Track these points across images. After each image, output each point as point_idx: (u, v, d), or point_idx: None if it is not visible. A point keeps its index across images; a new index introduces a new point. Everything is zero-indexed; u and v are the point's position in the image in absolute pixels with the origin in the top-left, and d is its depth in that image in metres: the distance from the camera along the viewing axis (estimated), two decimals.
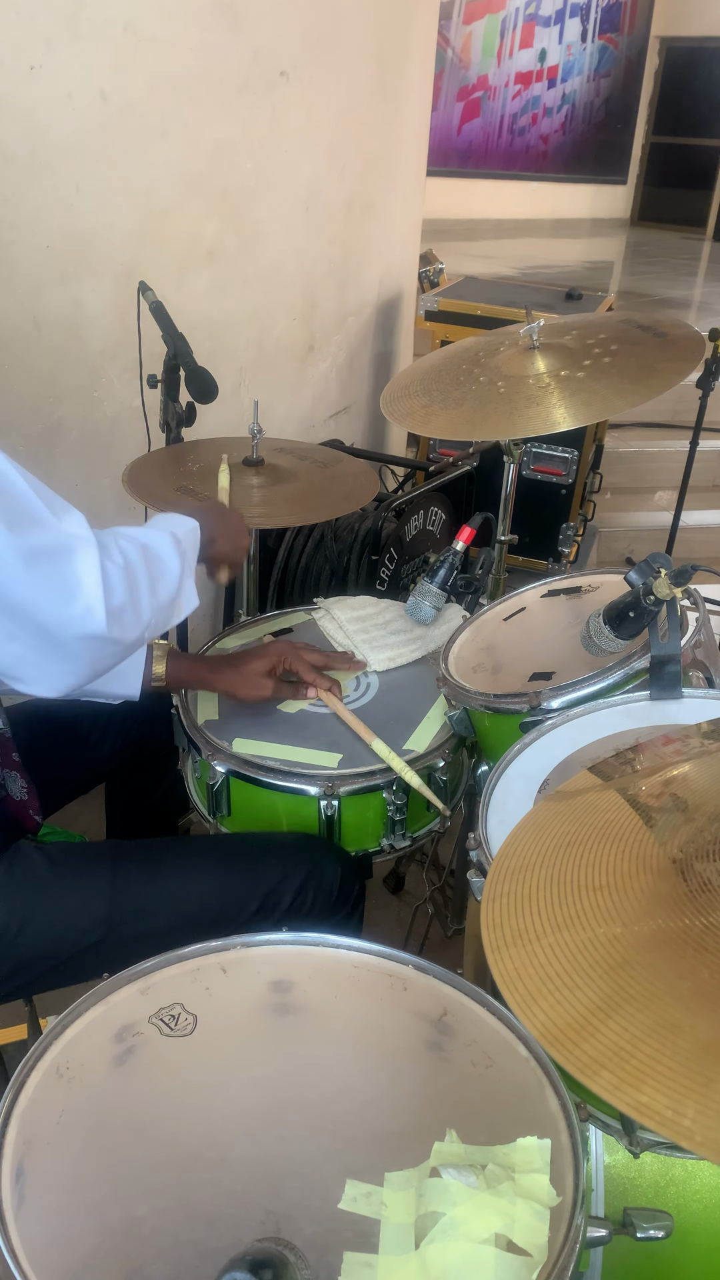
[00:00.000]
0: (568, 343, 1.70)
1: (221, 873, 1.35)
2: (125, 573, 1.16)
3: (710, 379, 3.06)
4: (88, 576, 1.11)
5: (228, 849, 1.41)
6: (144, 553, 1.23)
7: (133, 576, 1.18)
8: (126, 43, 2.15)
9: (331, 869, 1.36)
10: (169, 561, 1.28)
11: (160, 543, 1.29)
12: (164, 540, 1.30)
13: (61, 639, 1.11)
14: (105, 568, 1.13)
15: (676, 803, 0.86)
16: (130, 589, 1.17)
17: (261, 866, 1.35)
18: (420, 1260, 0.73)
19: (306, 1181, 0.82)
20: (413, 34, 3.41)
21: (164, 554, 1.28)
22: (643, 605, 1.26)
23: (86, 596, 1.10)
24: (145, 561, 1.22)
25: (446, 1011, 0.97)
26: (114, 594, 1.13)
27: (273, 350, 2.89)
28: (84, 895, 1.28)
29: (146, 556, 1.23)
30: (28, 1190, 0.80)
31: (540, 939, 0.71)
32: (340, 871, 1.37)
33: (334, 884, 1.36)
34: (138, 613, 1.19)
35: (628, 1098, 0.58)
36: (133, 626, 1.18)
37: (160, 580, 1.25)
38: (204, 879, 1.34)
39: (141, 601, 1.20)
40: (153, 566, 1.24)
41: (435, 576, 1.70)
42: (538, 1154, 0.79)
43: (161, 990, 0.99)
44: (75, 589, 1.10)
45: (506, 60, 9.93)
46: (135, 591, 1.18)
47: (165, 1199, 0.80)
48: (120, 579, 1.15)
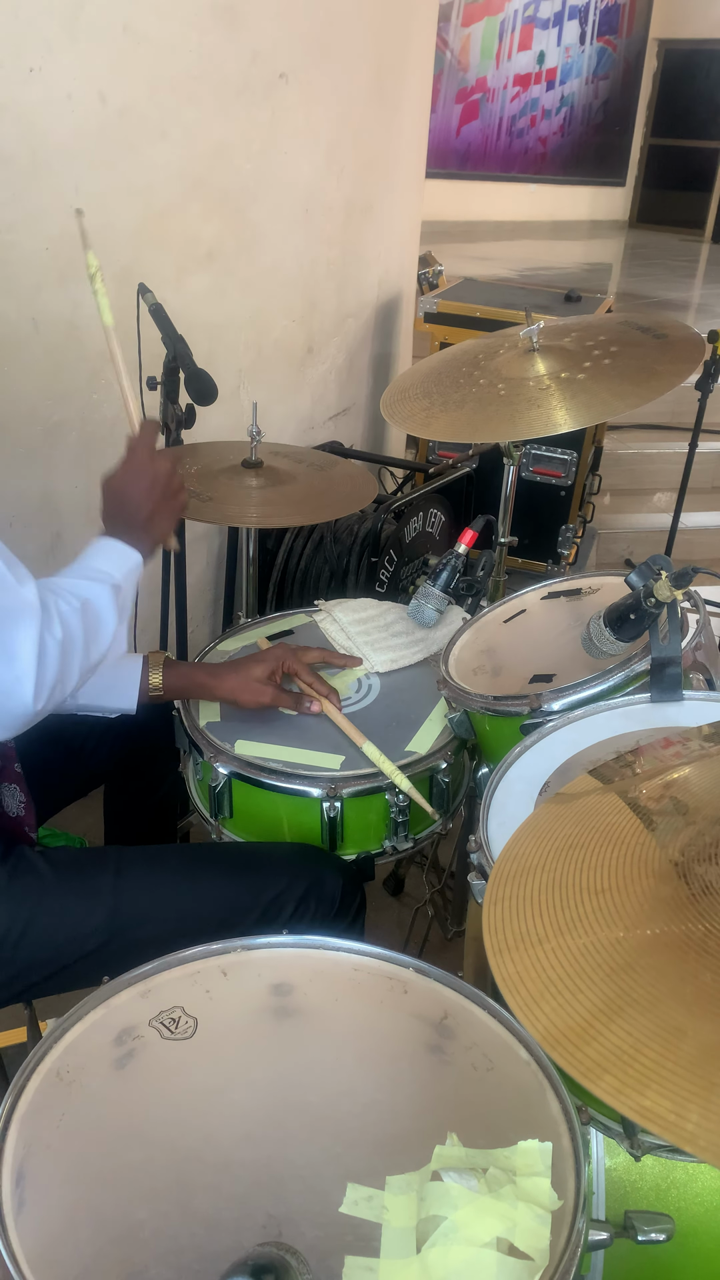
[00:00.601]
0: (567, 345, 1.70)
1: (223, 882, 1.34)
2: (62, 647, 1.17)
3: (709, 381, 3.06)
4: (25, 648, 1.13)
5: (230, 858, 1.41)
6: (84, 615, 1.23)
7: (69, 649, 1.19)
8: (125, 45, 2.15)
9: (333, 880, 1.36)
10: (105, 621, 1.27)
11: (100, 598, 1.27)
12: (104, 596, 1.27)
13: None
14: (44, 641, 1.14)
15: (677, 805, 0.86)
16: (64, 662, 1.18)
17: (263, 876, 1.34)
18: (421, 1264, 0.73)
19: (307, 1185, 0.82)
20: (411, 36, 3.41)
21: (102, 612, 1.27)
22: (643, 607, 1.26)
23: (21, 667, 1.12)
24: (84, 627, 1.22)
25: (447, 1014, 0.97)
26: (46, 670, 1.15)
27: (272, 352, 2.89)
28: (86, 902, 1.28)
29: (85, 618, 1.23)
30: (28, 1194, 0.79)
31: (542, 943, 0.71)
32: (342, 883, 1.36)
33: (335, 895, 1.35)
34: (64, 684, 1.20)
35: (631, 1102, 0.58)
36: (57, 698, 1.19)
37: (94, 645, 1.25)
38: (206, 888, 1.34)
39: (72, 671, 1.20)
40: (90, 630, 1.24)
41: (438, 579, 1.69)
42: (539, 1157, 0.79)
43: (162, 993, 0.99)
44: (12, 657, 1.12)
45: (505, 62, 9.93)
46: (68, 664, 1.19)
47: (166, 1203, 0.80)
48: (55, 654, 1.16)
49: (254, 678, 1.50)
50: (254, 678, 1.50)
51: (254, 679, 1.50)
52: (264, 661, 1.52)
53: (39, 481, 2.33)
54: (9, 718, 1.16)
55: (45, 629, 1.15)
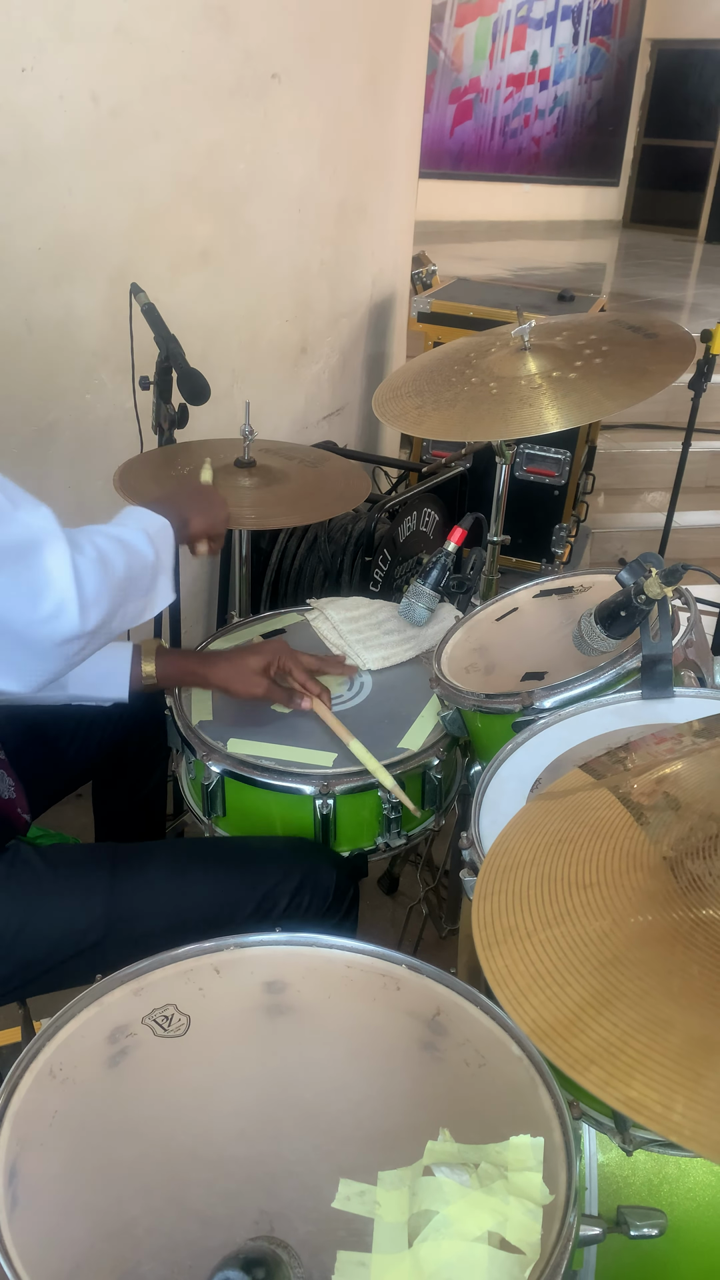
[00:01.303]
0: (559, 344, 1.71)
1: (218, 876, 1.35)
2: (98, 564, 1.13)
3: (702, 380, 3.07)
4: (57, 572, 1.07)
5: (224, 853, 1.41)
6: (118, 542, 1.21)
7: (107, 564, 1.14)
8: (118, 45, 2.15)
9: (327, 873, 1.36)
10: (143, 551, 1.26)
11: (133, 535, 1.26)
12: (137, 534, 1.27)
13: (32, 639, 1.08)
14: (76, 562, 1.09)
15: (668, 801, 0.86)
16: (105, 577, 1.13)
17: (258, 870, 1.34)
18: (413, 1259, 0.73)
19: (300, 1181, 0.82)
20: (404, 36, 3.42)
21: (138, 544, 1.25)
22: (634, 605, 1.26)
23: (58, 593, 1.07)
24: (120, 549, 1.20)
25: (440, 1011, 0.97)
26: (86, 585, 1.09)
27: (265, 352, 2.90)
28: (82, 898, 1.28)
29: (122, 545, 1.21)
30: (21, 1191, 0.80)
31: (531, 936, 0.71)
32: (335, 876, 1.37)
33: (329, 888, 1.36)
34: (112, 601, 1.15)
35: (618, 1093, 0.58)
36: (107, 616, 1.15)
37: (136, 565, 1.22)
38: (201, 882, 1.34)
39: (116, 588, 1.16)
40: (129, 553, 1.21)
41: (428, 578, 1.70)
42: (531, 1152, 0.79)
43: (155, 991, 0.99)
44: (44, 587, 1.07)
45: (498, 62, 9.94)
46: (110, 579, 1.14)
47: (159, 1199, 0.80)
48: (92, 570, 1.11)
49: (249, 668, 1.49)
50: (249, 668, 1.49)
51: (249, 669, 1.49)
52: (260, 653, 1.51)
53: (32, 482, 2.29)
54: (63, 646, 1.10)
55: (75, 551, 1.10)
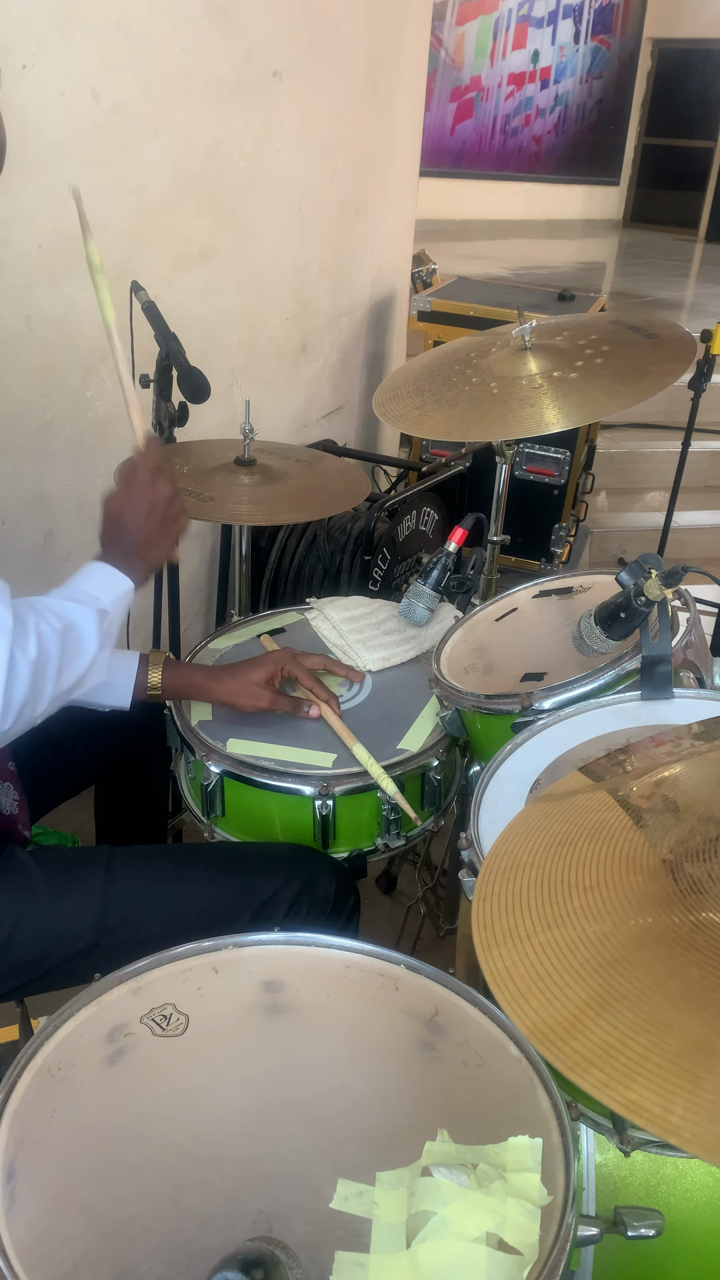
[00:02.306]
0: (559, 344, 1.71)
1: (215, 883, 1.34)
2: (34, 666, 1.13)
3: (702, 380, 3.07)
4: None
5: (222, 859, 1.40)
6: (63, 637, 1.19)
7: (42, 668, 1.15)
8: (118, 42, 2.15)
9: (326, 881, 1.35)
10: (87, 644, 1.23)
11: (85, 622, 1.23)
12: (89, 620, 1.24)
13: None
14: (14, 658, 1.10)
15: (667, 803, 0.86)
16: (35, 682, 1.14)
17: (256, 878, 1.33)
18: (411, 1259, 0.73)
19: (298, 1181, 0.82)
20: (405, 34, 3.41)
21: (85, 636, 1.23)
22: (634, 606, 1.26)
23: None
24: (61, 648, 1.19)
25: (438, 1011, 0.97)
26: (15, 689, 1.11)
27: (265, 350, 2.89)
28: (76, 901, 1.27)
29: (65, 641, 1.19)
30: (19, 1190, 0.80)
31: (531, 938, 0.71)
32: (335, 884, 1.36)
33: (329, 896, 1.35)
34: (35, 704, 1.16)
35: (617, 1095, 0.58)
36: (26, 718, 1.16)
37: (69, 668, 1.21)
38: (198, 889, 1.33)
39: (43, 692, 1.17)
40: (68, 652, 1.20)
41: (428, 578, 1.70)
42: (529, 1153, 0.79)
43: (153, 990, 0.99)
44: None
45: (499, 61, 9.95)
46: (40, 684, 1.15)
47: (157, 1199, 0.80)
48: (26, 673, 1.12)
49: (252, 681, 1.49)
50: (252, 681, 1.49)
51: (252, 683, 1.48)
52: (263, 666, 1.50)
53: (31, 480, 2.33)
54: None
55: (18, 646, 1.11)
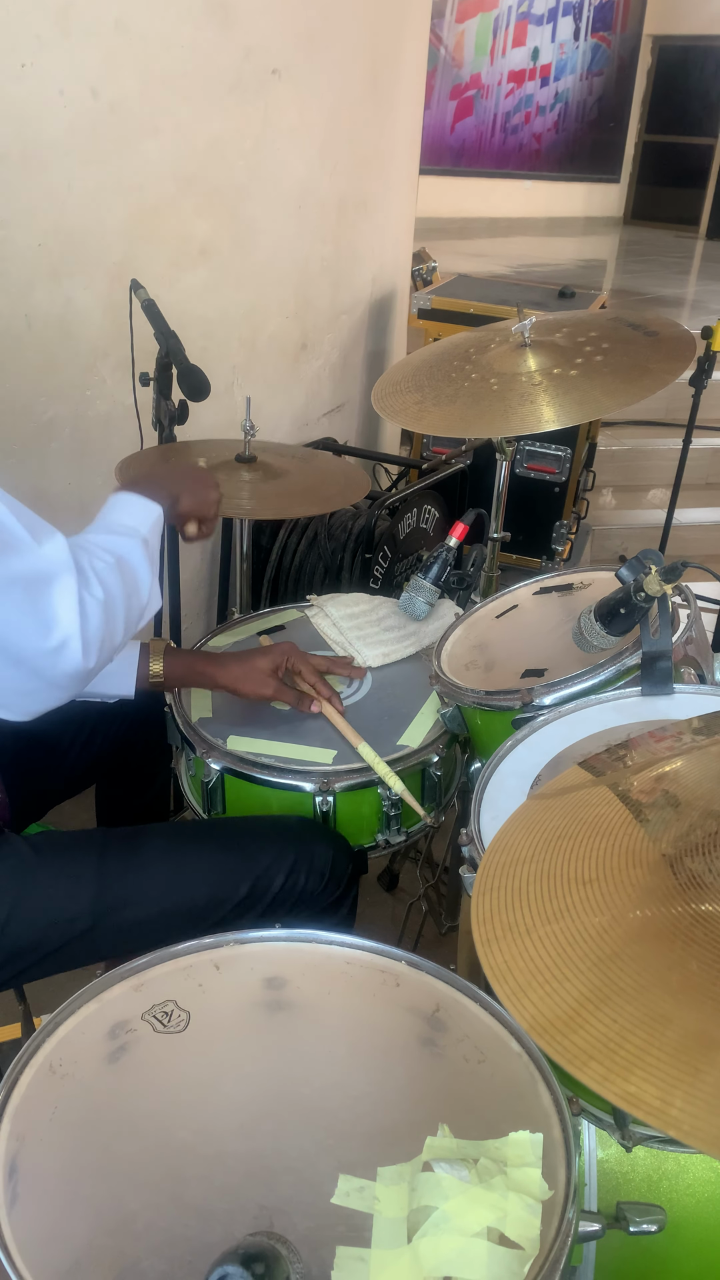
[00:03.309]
0: (559, 340, 1.71)
1: (211, 856, 1.34)
2: (103, 605, 1.15)
3: (703, 377, 3.06)
4: (64, 610, 1.10)
5: (217, 833, 1.40)
6: (120, 571, 1.22)
7: (111, 606, 1.17)
8: (117, 40, 2.14)
9: (323, 851, 1.36)
10: (141, 575, 1.26)
11: (132, 553, 1.26)
12: (135, 549, 1.27)
13: (37, 669, 1.11)
14: (83, 600, 1.12)
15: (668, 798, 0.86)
16: (108, 620, 1.16)
17: (252, 850, 1.34)
18: (413, 1254, 0.73)
19: (299, 1176, 0.82)
20: (405, 32, 3.41)
21: (137, 567, 1.26)
22: (634, 602, 1.26)
23: (63, 630, 1.10)
24: (122, 582, 1.21)
25: (439, 1007, 0.97)
26: (90, 628, 1.12)
27: (265, 348, 2.89)
28: (70, 883, 1.27)
29: (123, 575, 1.22)
30: (21, 1187, 0.80)
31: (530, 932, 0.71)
32: (332, 854, 1.36)
33: (325, 867, 1.35)
34: (113, 639, 1.18)
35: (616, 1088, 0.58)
36: (107, 653, 1.18)
37: (134, 599, 1.24)
38: (193, 863, 1.33)
39: (117, 628, 1.19)
40: (128, 586, 1.23)
41: (429, 572, 1.70)
42: (530, 1148, 0.79)
43: (154, 987, 0.99)
44: (52, 622, 1.09)
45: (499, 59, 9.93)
46: (112, 621, 1.17)
47: (158, 1194, 0.81)
48: (98, 612, 1.14)
49: (258, 669, 1.49)
50: (258, 669, 1.49)
51: (257, 669, 1.49)
52: (270, 655, 1.51)
53: (32, 479, 2.33)
54: (64, 678, 1.13)
55: (84, 589, 1.13)
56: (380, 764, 1.43)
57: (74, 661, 1.11)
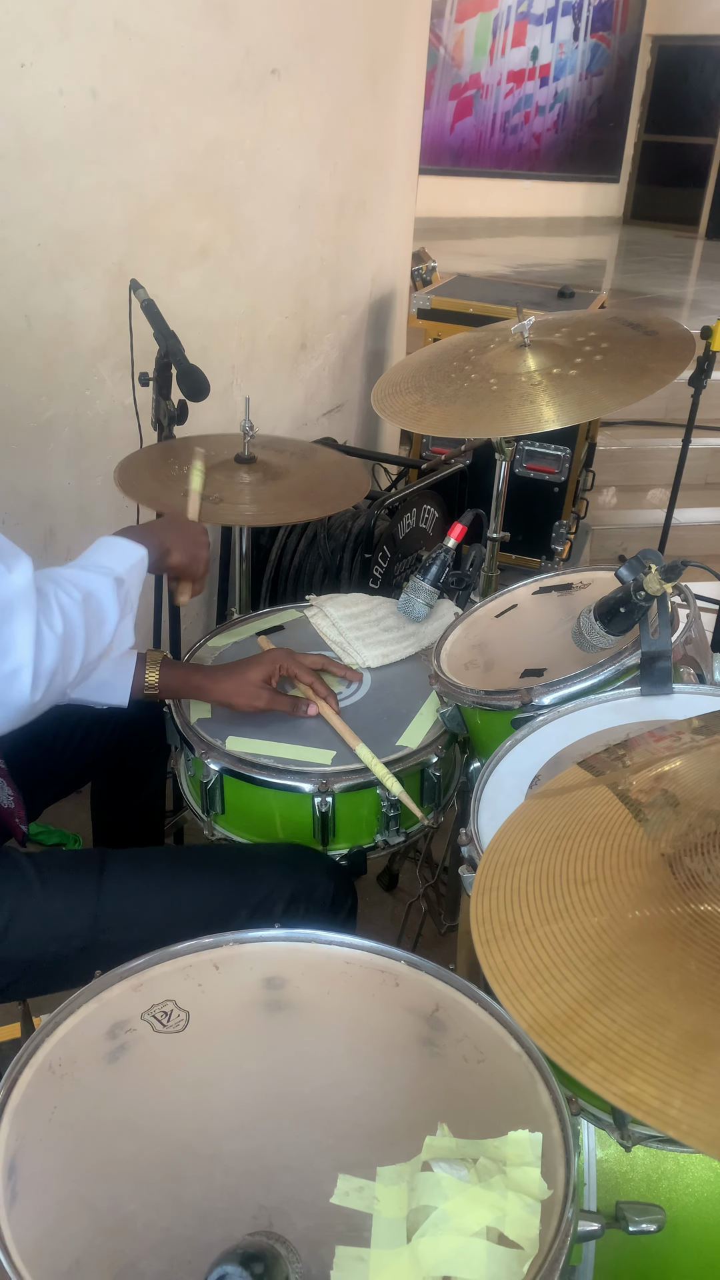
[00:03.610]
0: (558, 340, 1.71)
1: (210, 884, 1.34)
2: (61, 640, 1.16)
3: (702, 377, 3.06)
4: (21, 640, 1.11)
5: (218, 860, 1.40)
6: (85, 606, 1.22)
7: (69, 640, 1.18)
8: (117, 40, 2.14)
9: (323, 882, 1.35)
10: (108, 612, 1.26)
11: (103, 590, 1.26)
12: (106, 589, 1.27)
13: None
14: (41, 633, 1.13)
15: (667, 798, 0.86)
16: (64, 654, 1.17)
17: (251, 878, 1.33)
18: (412, 1254, 0.73)
19: (299, 1176, 0.82)
20: (404, 32, 3.41)
21: (105, 604, 1.26)
22: (633, 601, 1.26)
23: (15, 661, 1.11)
24: (84, 618, 1.21)
25: (438, 1007, 0.97)
26: (44, 661, 1.13)
27: (265, 348, 2.89)
28: (70, 902, 1.27)
29: (87, 610, 1.22)
30: (20, 1187, 0.80)
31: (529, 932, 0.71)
32: (332, 885, 1.36)
33: (325, 897, 1.35)
34: (65, 674, 1.19)
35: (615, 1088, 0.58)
36: (57, 688, 1.18)
37: (95, 637, 1.24)
38: (192, 890, 1.33)
39: (72, 663, 1.19)
40: (91, 622, 1.22)
41: (427, 574, 1.70)
42: (529, 1148, 0.80)
43: (154, 987, 0.99)
44: (7, 650, 1.11)
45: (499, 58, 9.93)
46: (68, 655, 1.18)
47: (158, 1194, 0.80)
48: (54, 645, 1.15)
49: (250, 681, 1.48)
50: (250, 681, 1.48)
51: (250, 682, 1.48)
52: (261, 665, 1.50)
53: (32, 478, 2.33)
54: (7, 710, 1.15)
55: (43, 620, 1.14)
56: (378, 765, 1.43)
57: (21, 693, 1.13)
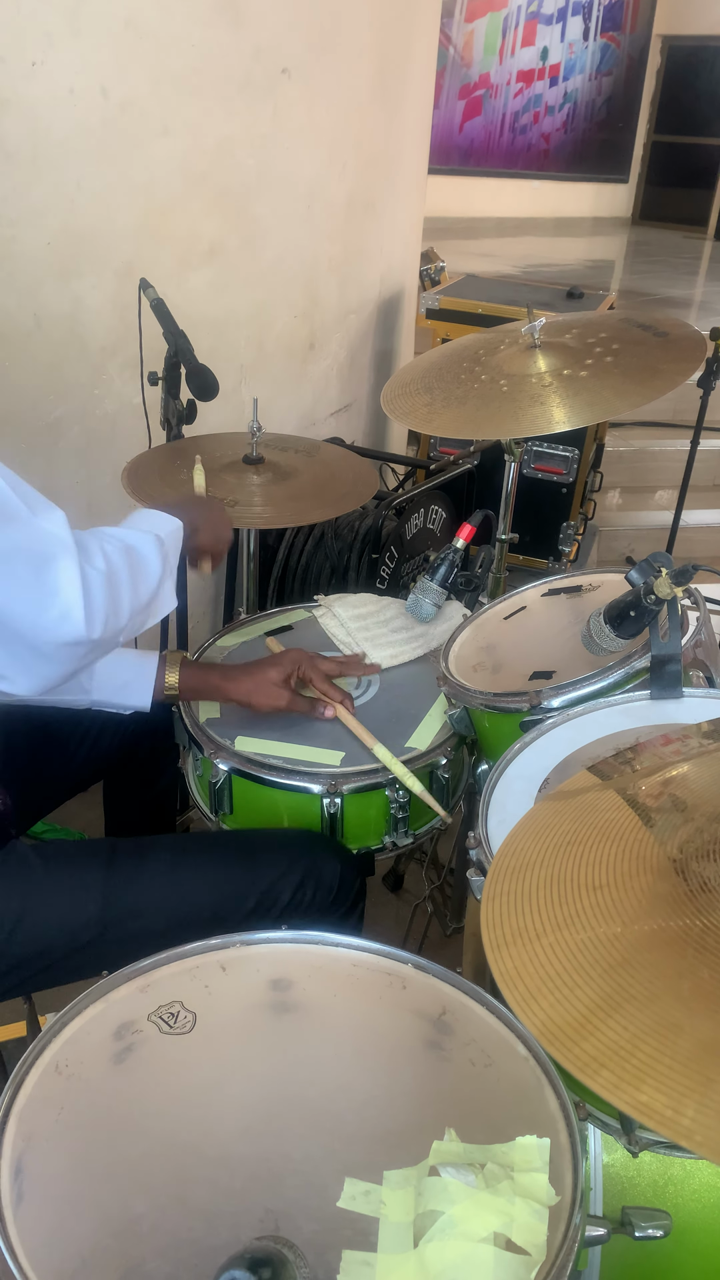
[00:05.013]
0: (569, 341, 1.70)
1: (218, 870, 1.34)
2: (106, 577, 1.14)
3: (711, 378, 3.06)
4: (65, 581, 1.09)
5: (224, 846, 1.40)
6: (127, 554, 1.21)
7: (114, 579, 1.16)
8: (127, 39, 2.14)
9: (331, 866, 1.36)
10: (151, 562, 1.26)
11: (144, 543, 1.27)
12: (147, 541, 1.27)
13: (37, 642, 1.10)
14: (85, 572, 1.11)
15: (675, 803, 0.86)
16: (110, 592, 1.15)
17: (259, 864, 1.34)
18: (419, 1259, 0.73)
19: (305, 1180, 0.82)
20: (414, 32, 3.41)
21: (147, 555, 1.26)
22: (643, 604, 1.26)
23: (64, 601, 1.09)
24: (128, 562, 1.20)
25: (445, 1010, 0.97)
26: (93, 598, 1.11)
27: (274, 348, 2.89)
28: (78, 893, 1.27)
29: (130, 557, 1.22)
30: (26, 1187, 0.80)
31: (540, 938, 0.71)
32: (340, 869, 1.36)
33: (333, 881, 1.35)
34: (117, 615, 1.17)
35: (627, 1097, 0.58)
36: (112, 628, 1.16)
37: (141, 581, 1.23)
38: (200, 876, 1.33)
39: (122, 603, 1.18)
40: (135, 567, 1.22)
41: (436, 574, 1.69)
42: (536, 1153, 0.79)
43: (161, 988, 0.99)
44: (52, 593, 1.08)
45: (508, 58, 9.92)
46: (116, 594, 1.16)
47: (164, 1196, 0.80)
48: (100, 583, 1.13)
49: (269, 681, 1.48)
50: (269, 681, 1.48)
51: (269, 682, 1.48)
52: (279, 665, 1.50)
53: (40, 477, 2.32)
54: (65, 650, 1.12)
55: (85, 561, 1.12)
56: (397, 764, 1.42)
57: (77, 630, 1.10)
